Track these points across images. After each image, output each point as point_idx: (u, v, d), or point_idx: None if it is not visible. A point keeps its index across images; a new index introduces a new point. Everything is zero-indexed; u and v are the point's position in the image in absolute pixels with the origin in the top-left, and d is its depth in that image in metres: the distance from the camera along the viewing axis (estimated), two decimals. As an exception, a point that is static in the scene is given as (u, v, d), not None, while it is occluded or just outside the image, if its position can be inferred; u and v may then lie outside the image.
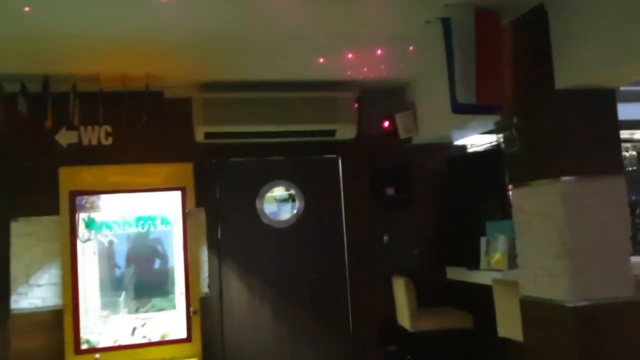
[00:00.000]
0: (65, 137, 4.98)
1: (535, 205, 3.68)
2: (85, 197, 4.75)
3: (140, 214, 5.03)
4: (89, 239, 4.86)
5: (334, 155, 5.65)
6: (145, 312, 6.34)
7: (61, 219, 4.68)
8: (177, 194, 4.96)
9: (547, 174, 3.56)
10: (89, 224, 4.77)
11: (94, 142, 5.05)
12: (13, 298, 4.72)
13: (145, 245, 6.35)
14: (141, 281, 7.02)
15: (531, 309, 3.75)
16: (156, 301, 6.49)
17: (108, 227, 5.19)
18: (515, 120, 3.75)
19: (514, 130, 3.70)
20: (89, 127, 5.04)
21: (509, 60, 3.79)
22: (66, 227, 4.60)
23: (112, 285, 6.63)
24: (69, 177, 4.69)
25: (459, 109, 3.62)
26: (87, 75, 4.62)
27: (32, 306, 4.76)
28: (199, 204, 5.14)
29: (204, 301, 5.13)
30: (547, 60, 3.50)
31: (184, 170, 4.96)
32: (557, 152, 3.50)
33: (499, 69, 3.65)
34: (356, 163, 5.62)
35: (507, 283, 4.27)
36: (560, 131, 3.49)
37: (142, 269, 6.88)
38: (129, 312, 5.81)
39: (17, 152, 4.82)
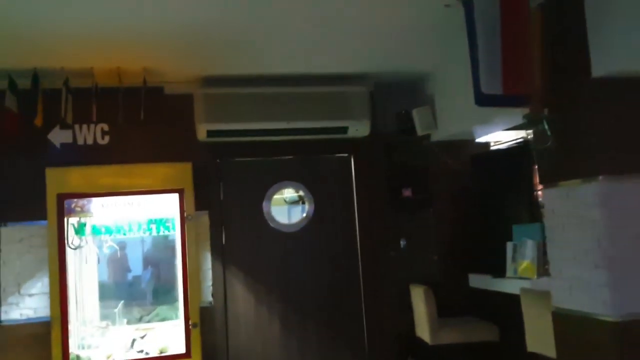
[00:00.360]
0: (58, 137, 4.79)
1: (570, 207, 3.37)
2: (75, 200, 4.50)
3: (140, 218, 4.78)
4: (79, 246, 4.62)
5: (346, 154, 5.40)
6: (149, 321, 6.15)
7: (49, 224, 4.44)
8: (175, 197, 4.69)
9: (583, 173, 3.25)
10: (79, 230, 4.53)
11: (90, 141, 4.86)
12: (3, 309, 4.53)
13: (155, 251, 6.18)
14: (145, 288, 6.86)
15: (565, 323, 3.44)
16: (161, 309, 6.30)
17: (108, 231, 4.97)
18: (546, 112, 3.44)
19: (545, 123, 3.39)
20: (84, 126, 4.84)
21: (539, 46, 3.47)
22: (54, 233, 4.36)
23: (115, 293, 6.46)
24: (56, 178, 4.45)
25: (483, 100, 3.32)
26: (79, 70, 4.41)
27: (24, 317, 4.57)
28: (201, 207, 4.91)
29: (207, 312, 4.89)
30: (582, 45, 3.19)
31: (182, 171, 4.70)
32: (595, 148, 3.19)
33: (527, 56, 3.33)
34: (370, 162, 5.37)
35: (537, 293, 3.97)
36: (598, 124, 3.18)
37: (148, 276, 6.73)
38: (129, 323, 5.61)
39: (6, 153, 4.61)
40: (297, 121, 4.91)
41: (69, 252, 4.57)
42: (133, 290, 6.88)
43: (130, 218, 4.74)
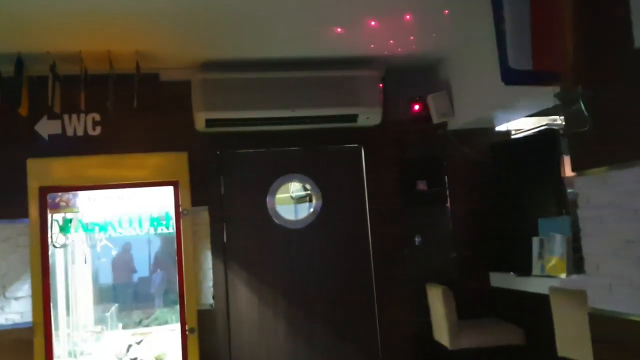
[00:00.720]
0: (46, 127, 4.54)
1: (608, 196, 3.06)
2: (59, 194, 4.23)
3: (133, 214, 4.51)
4: (64, 245, 4.35)
5: (356, 145, 5.12)
6: (148, 325, 5.92)
7: (30, 221, 4.16)
8: (170, 190, 4.40)
9: (623, 157, 2.93)
10: (64, 227, 4.26)
11: (80, 132, 4.61)
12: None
13: (165, 251, 5.95)
14: (154, 293, 6.62)
15: (605, 325, 3.13)
16: (162, 312, 6.05)
17: (102, 228, 4.71)
18: (581, 90, 3.13)
19: (581, 102, 3.08)
20: (74, 116, 4.59)
21: (572, 14, 3.16)
22: (36, 231, 4.07)
23: (114, 295, 6.23)
24: (38, 170, 4.17)
25: (511, 77, 3.03)
26: (67, 54, 4.15)
27: (9, 322, 4.30)
28: (200, 202, 4.65)
29: (208, 315, 4.62)
30: (623, 11, 2.87)
31: (177, 161, 4.41)
32: (638, 129, 2.87)
33: (559, 26, 3.05)
34: (382, 153, 5.08)
35: (568, 293, 3.68)
36: (641, 102, 2.86)
37: (159, 280, 6.50)
38: (126, 327, 5.37)
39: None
40: (303, 109, 4.64)
41: (58, 252, 4.30)
42: (137, 292, 6.66)
43: (122, 214, 4.47)
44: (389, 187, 5.06)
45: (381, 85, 4.85)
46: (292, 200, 5.14)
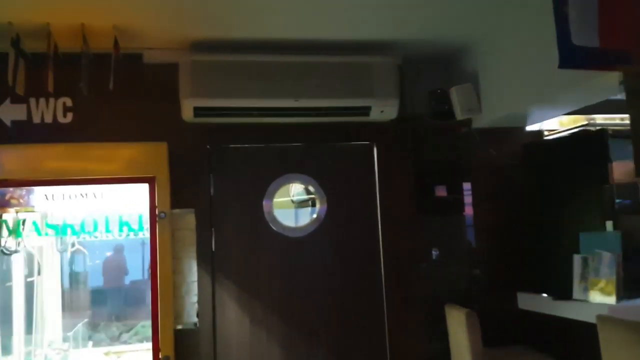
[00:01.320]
0: (9, 112, 4.01)
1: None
2: (10, 190, 3.68)
3: (99, 215, 3.98)
4: (15, 251, 3.79)
5: (368, 142, 4.61)
6: (126, 342, 5.42)
7: None
8: (144, 188, 3.86)
9: None
10: (14, 229, 3.70)
11: (48, 119, 4.08)
12: None
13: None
14: (124, 301, 6.18)
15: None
16: (143, 327, 5.55)
17: (74, 232, 4.19)
18: (657, 76, 2.62)
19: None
20: (42, 100, 4.06)
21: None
22: None
23: (85, 305, 5.70)
24: None
25: (572, 58, 2.53)
26: (33, 27, 3.62)
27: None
28: (185, 203, 4.14)
29: (190, 337, 4.09)
30: None
31: (153, 153, 3.89)
32: None
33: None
34: (396, 153, 4.58)
35: (621, 322, 3.14)
36: None
37: (122, 284, 6.05)
38: (97, 345, 4.83)
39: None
40: (307, 98, 4.15)
41: (16, 259, 3.75)
42: (128, 297, 6.16)
43: (86, 215, 3.93)
44: (403, 192, 4.55)
45: (398, 74, 4.35)
46: (293, 205, 4.62)
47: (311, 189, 4.53)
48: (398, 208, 4.54)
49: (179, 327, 4.06)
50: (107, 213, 4.26)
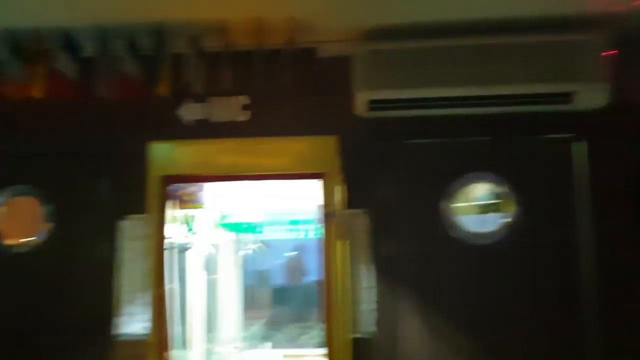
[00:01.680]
0: (190, 112, 4.19)
1: None
2: (181, 185, 3.78)
3: (273, 212, 3.96)
4: (188, 247, 3.88)
5: (569, 135, 4.03)
6: (304, 345, 5.43)
7: (150, 216, 3.80)
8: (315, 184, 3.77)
9: None
10: (187, 225, 3.79)
11: (225, 117, 4.19)
12: (118, 320, 3.97)
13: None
14: (304, 301, 6.22)
15: None
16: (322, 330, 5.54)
17: (252, 230, 4.25)
18: None
19: None
20: (219, 98, 4.21)
21: None
22: (157, 229, 3.67)
23: (264, 305, 5.84)
24: (161, 156, 3.78)
25: None
26: (208, 25, 3.71)
27: (147, 331, 3.96)
28: (357, 203, 3.98)
29: (367, 347, 3.88)
30: None
31: (323, 148, 3.79)
32: None
33: None
34: (609, 148, 3.94)
35: None
36: None
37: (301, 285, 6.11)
38: (277, 346, 4.87)
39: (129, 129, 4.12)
40: (494, 85, 3.76)
41: (190, 256, 3.86)
42: (308, 297, 6.25)
43: (264, 212, 3.93)
44: (618, 195, 3.90)
45: (609, 53, 3.74)
46: (477, 208, 4.18)
47: (499, 190, 4.07)
48: (612, 217, 3.90)
49: (357, 335, 3.91)
50: (285, 212, 4.24)
